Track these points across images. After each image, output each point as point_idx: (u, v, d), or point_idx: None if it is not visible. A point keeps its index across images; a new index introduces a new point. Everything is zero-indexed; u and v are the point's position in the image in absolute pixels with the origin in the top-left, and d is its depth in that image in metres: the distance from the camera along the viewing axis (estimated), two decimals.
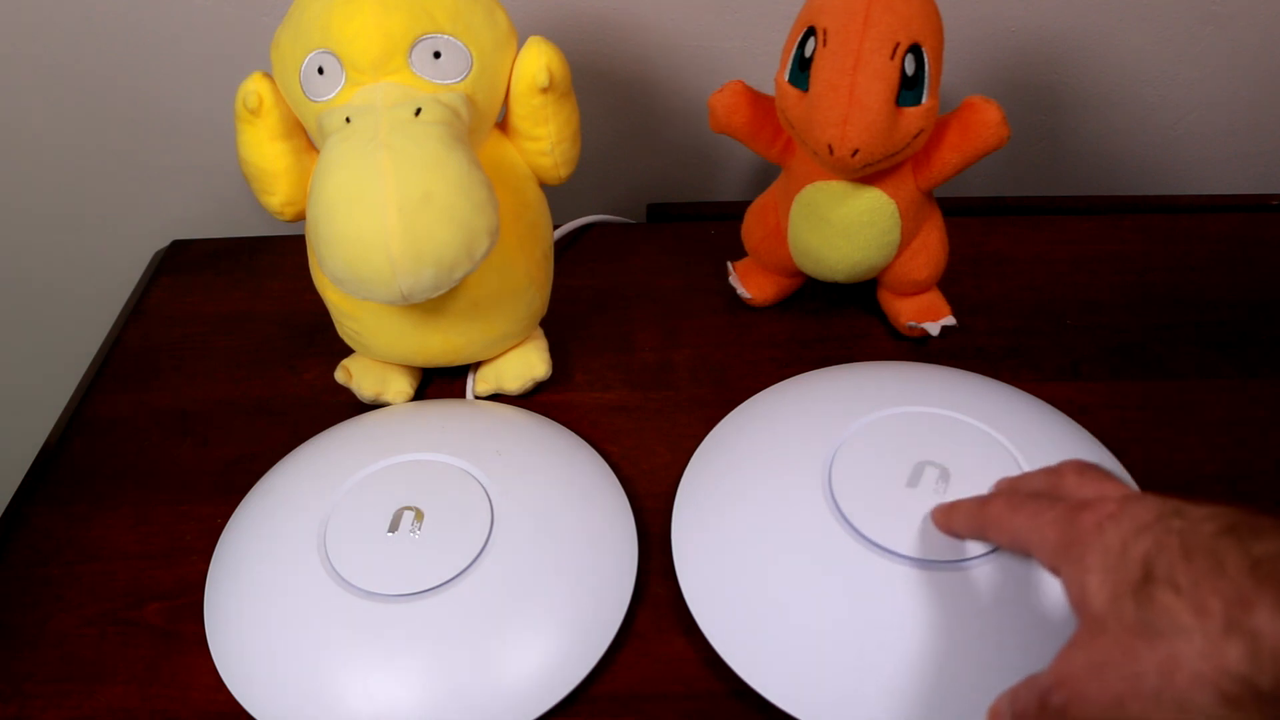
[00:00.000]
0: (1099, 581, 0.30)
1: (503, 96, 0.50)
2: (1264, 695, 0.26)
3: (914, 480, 0.45)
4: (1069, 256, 0.65)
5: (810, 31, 0.49)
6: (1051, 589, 0.40)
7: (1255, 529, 0.28)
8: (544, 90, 0.50)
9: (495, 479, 0.48)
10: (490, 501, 0.47)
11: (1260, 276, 0.63)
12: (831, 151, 0.49)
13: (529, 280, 0.54)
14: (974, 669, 0.39)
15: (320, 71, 0.46)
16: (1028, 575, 0.41)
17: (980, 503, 0.40)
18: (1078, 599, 0.31)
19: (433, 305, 0.52)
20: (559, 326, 0.60)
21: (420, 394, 0.58)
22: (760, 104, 0.54)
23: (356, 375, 0.56)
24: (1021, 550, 0.36)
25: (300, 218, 0.51)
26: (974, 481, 0.44)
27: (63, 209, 0.78)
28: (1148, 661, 0.28)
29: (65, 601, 0.48)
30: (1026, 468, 0.46)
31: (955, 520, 0.41)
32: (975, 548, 0.42)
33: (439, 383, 0.59)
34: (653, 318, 0.63)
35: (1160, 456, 0.52)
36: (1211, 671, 0.26)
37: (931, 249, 0.57)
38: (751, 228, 0.60)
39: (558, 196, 0.57)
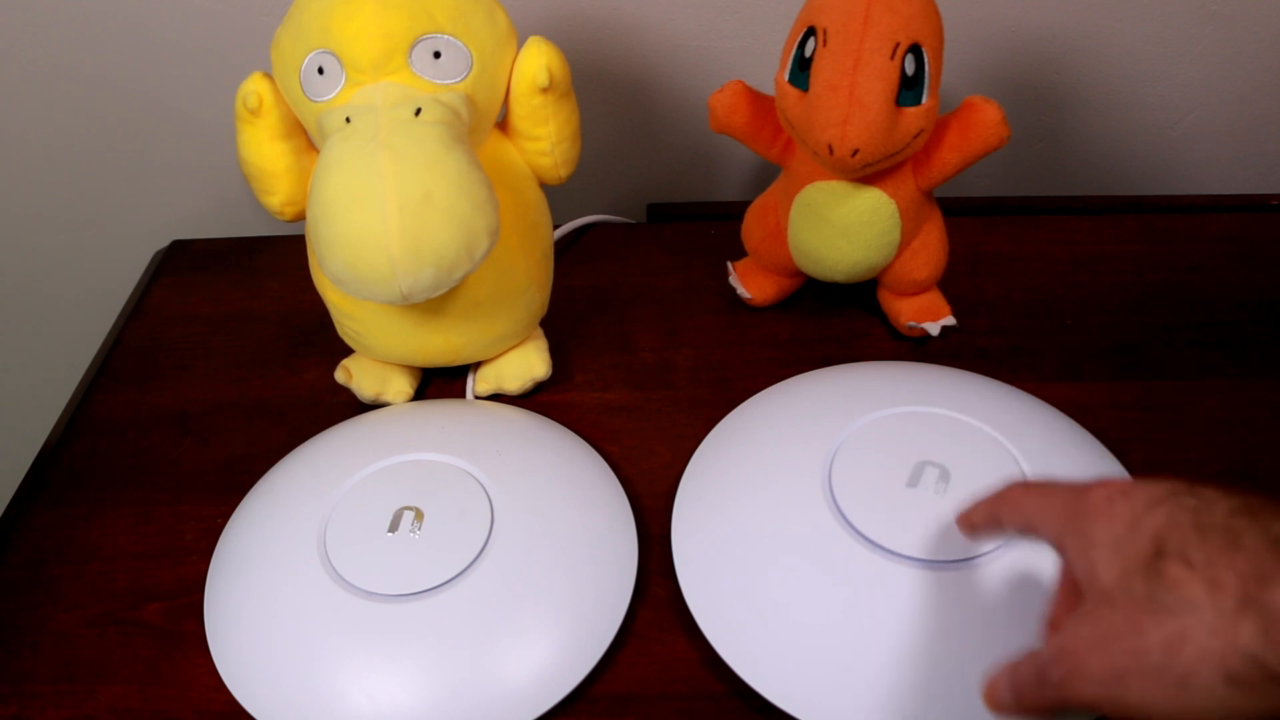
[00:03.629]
0: (1107, 556, 0.30)
1: (503, 96, 0.50)
2: (1271, 674, 0.25)
3: (914, 480, 0.45)
4: (1069, 256, 0.65)
5: (810, 31, 0.49)
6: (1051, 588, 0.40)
7: (1272, 510, 0.28)
8: (544, 90, 0.50)
9: (495, 479, 0.48)
10: (490, 501, 0.47)
11: (1260, 276, 0.63)
12: (831, 151, 0.49)
13: (529, 280, 0.54)
14: (973, 668, 0.39)
15: (320, 71, 0.46)
16: (1028, 574, 0.41)
17: (996, 496, 0.39)
18: (1086, 574, 0.30)
19: (433, 305, 0.52)
20: (559, 326, 0.60)
21: (420, 394, 0.58)
22: (760, 104, 0.54)
23: (356, 375, 0.56)
24: (1031, 531, 0.35)
25: (300, 218, 0.51)
26: (974, 481, 0.44)
27: (63, 209, 0.78)
28: (1154, 637, 0.27)
29: (65, 601, 0.48)
30: (1026, 468, 0.46)
31: (975, 513, 0.39)
32: (975, 547, 0.42)
33: (439, 383, 0.59)
34: (653, 318, 0.63)
35: (1160, 456, 0.52)
36: (1220, 649, 0.26)
37: (931, 249, 0.57)
38: (751, 228, 0.60)
39: (558, 196, 0.57)
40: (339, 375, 0.56)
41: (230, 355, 0.62)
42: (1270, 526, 0.27)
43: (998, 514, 0.38)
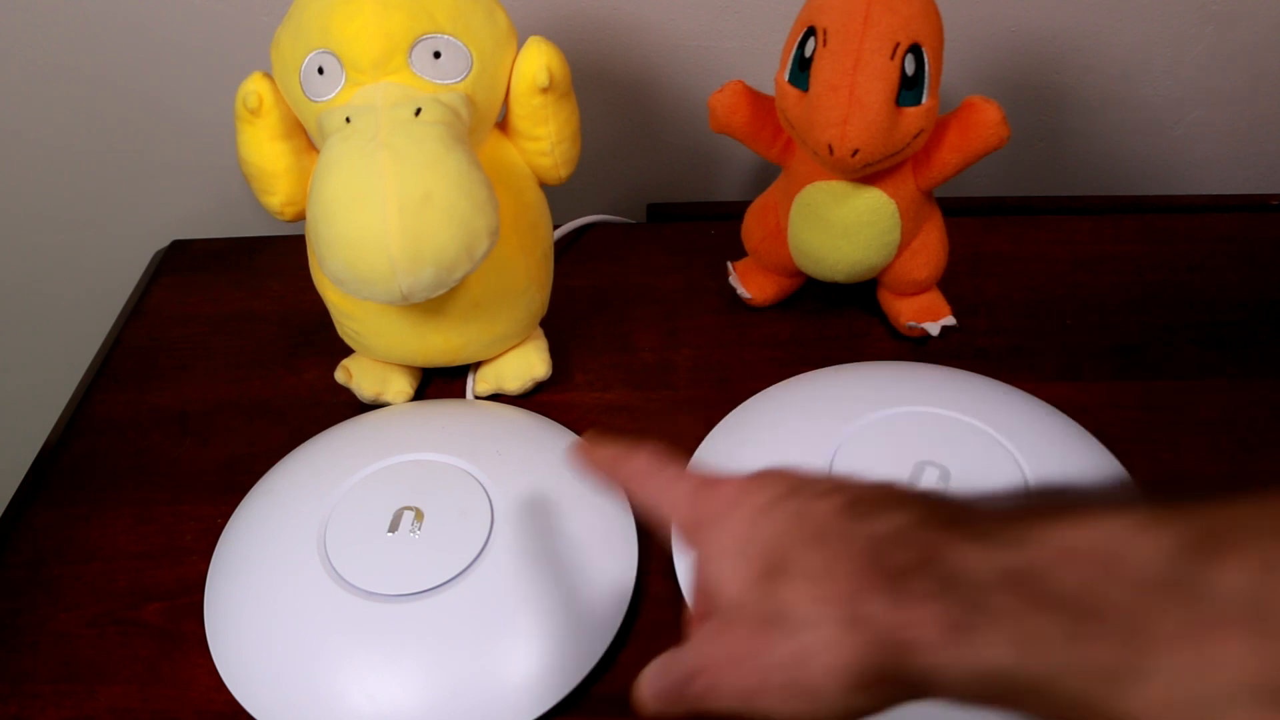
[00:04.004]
0: (731, 568, 0.30)
1: (503, 96, 0.50)
2: (888, 678, 0.26)
3: (914, 480, 0.45)
4: (1069, 256, 0.65)
5: (810, 31, 0.49)
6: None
7: (873, 505, 0.28)
8: (544, 90, 0.50)
9: (495, 479, 0.48)
10: (490, 501, 0.47)
11: (1260, 276, 0.63)
12: (831, 151, 0.49)
13: (529, 280, 0.54)
14: None
15: (320, 71, 0.46)
16: None
17: (626, 450, 0.36)
18: (715, 583, 0.30)
19: (433, 305, 0.52)
20: (559, 326, 0.60)
21: (420, 394, 0.58)
22: (760, 104, 0.54)
23: (356, 375, 0.56)
24: (656, 514, 0.34)
25: (300, 218, 0.51)
26: (974, 481, 0.44)
27: (63, 209, 0.78)
28: (779, 654, 0.27)
29: (65, 601, 0.48)
30: (1026, 468, 0.46)
31: (594, 455, 0.36)
32: None
33: (439, 383, 0.59)
34: (653, 318, 0.63)
35: (1160, 456, 0.52)
36: (837, 662, 0.26)
37: (931, 249, 0.57)
38: (751, 228, 0.60)
39: (558, 196, 0.57)
40: (339, 375, 0.56)
41: (230, 355, 0.62)
42: (872, 525, 0.27)
43: (619, 476, 0.36)
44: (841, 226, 0.54)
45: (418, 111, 0.45)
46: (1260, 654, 0.19)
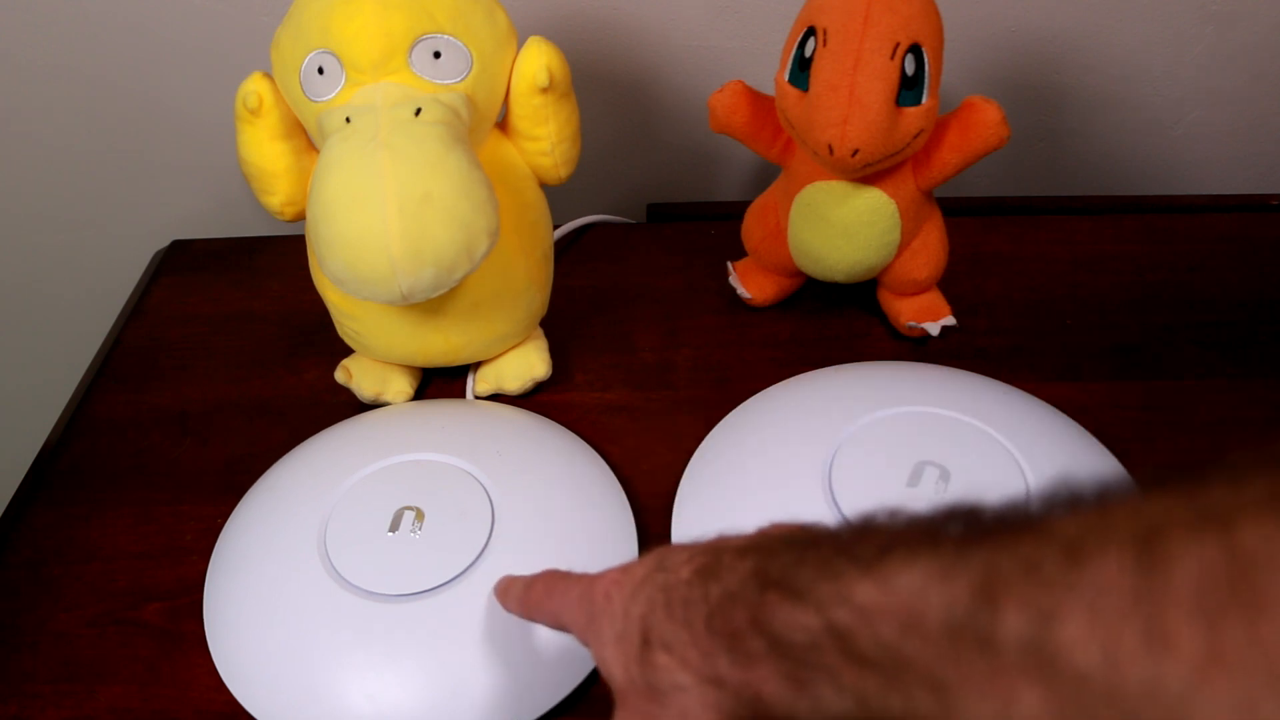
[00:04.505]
0: (613, 654, 0.31)
1: (503, 96, 0.50)
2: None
3: (914, 480, 0.45)
4: (1069, 256, 0.65)
5: (810, 31, 0.49)
6: None
7: (715, 568, 0.29)
8: (544, 90, 0.50)
9: (496, 479, 0.48)
10: (491, 501, 0.47)
11: (1260, 276, 0.63)
12: (831, 151, 0.49)
13: (529, 280, 0.54)
14: None
15: (320, 71, 0.46)
16: None
17: (526, 585, 0.39)
18: (606, 673, 0.32)
19: (433, 305, 0.52)
20: (559, 326, 0.60)
21: (420, 394, 0.58)
22: (760, 104, 0.54)
23: (356, 375, 0.56)
24: (561, 627, 0.36)
25: (300, 218, 0.51)
26: (974, 481, 0.44)
27: (63, 209, 0.78)
28: None
29: (65, 601, 0.48)
30: (1026, 468, 0.46)
31: (508, 601, 0.40)
32: None
33: (439, 383, 0.59)
34: (653, 318, 0.63)
35: (1160, 457, 0.52)
36: (714, 718, 0.27)
37: (931, 249, 0.57)
38: (751, 228, 0.60)
39: (558, 196, 0.57)
40: (339, 375, 0.56)
41: (230, 355, 0.62)
42: (710, 590, 0.28)
43: (529, 613, 0.38)
44: (841, 226, 0.54)
45: (418, 111, 0.45)
46: (1051, 701, 0.19)
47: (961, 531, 0.23)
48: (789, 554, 0.27)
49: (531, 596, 0.38)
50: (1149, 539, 0.19)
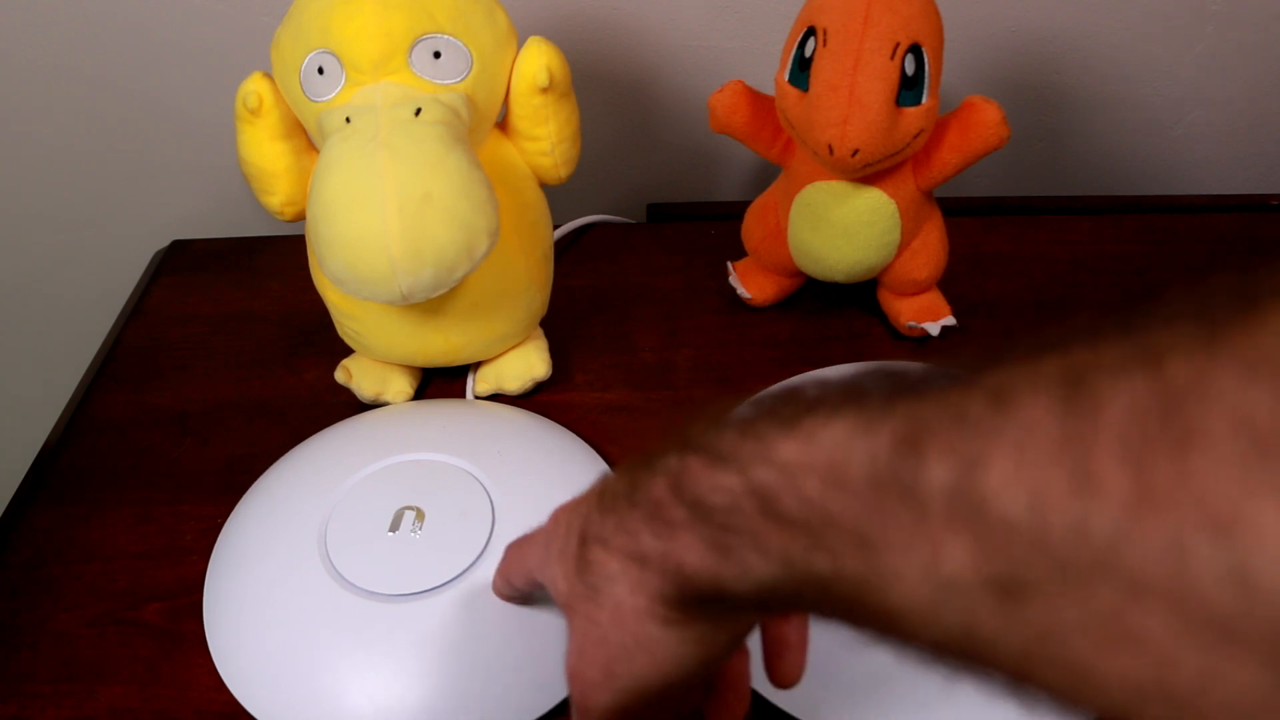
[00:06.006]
0: (560, 571, 0.30)
1: (503, 96, 0.50)
2: (690, 603, 0.26)
3: None
4: (1069, 256, 0.65)
5: (810, 31, 0.49)
6: None
7: (645, 456, 0.28)
8: (544, 90, 0.50)
9: (496, 479, 0.48)
10: (491, 501, 0.47)
11: None
12: (831, 151, 0.49)
13: (529, 280, 0.54)
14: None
15: (320, 71, 0.46)
16: None
17: (501, 558, 0.39)
18: (555, 593, 0.31)
19: (433, 305, 0.52)
20: (559, 326, 0.60)
21: (420, 394, 0.58)
22: (760, 104, 0.54)
23: (356, 375, 0.56)
24: (535, 581, 0.35)
25: (300, 218, 0.51)
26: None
27: (63, 209, 0.78)
28: (603, 620, 0.28)
29: (65, 601, 0.48)
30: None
31: (496, 586, 0.40)
32: None
33: (439, 383, 0.59)
34: (653, 318, 0.63)
35: None
36: (641, 603, 0.27)
37: (931, 249, 0.57)
38: (751, 228, 0.60)
39: (558, 196, 0.57)
40: (339, 375, 0.56)
41: (230, 355, 0.62)
42: (636, 466, 0.28)
43: (508, 578, 0.38)
44: (841, 226, 0.54)
45: (418, 111, 0.45)
46: (979, 552, 0.18)
47: (888, 388, 0.22)
48: (713, 421, 0.26)
49: (506, 564, 0.38)
50: (1078, 380, 0.18)
